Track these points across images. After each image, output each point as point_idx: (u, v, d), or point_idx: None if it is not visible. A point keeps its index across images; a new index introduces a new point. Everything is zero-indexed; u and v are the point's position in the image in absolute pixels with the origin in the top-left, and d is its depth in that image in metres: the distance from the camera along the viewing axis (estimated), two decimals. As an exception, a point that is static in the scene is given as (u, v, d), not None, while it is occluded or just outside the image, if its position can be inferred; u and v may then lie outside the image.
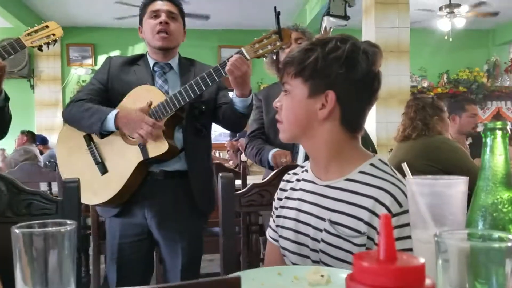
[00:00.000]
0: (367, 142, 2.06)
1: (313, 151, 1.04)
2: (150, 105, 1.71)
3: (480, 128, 2.98)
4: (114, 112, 1.69)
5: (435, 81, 7.84)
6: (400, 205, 0.90)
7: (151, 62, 1.86)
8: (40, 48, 1.70)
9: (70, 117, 1.79)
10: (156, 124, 1.66)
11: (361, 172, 0.97)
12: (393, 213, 0.89)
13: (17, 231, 0.55)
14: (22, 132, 5.72)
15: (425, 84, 7.62)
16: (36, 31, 1.68)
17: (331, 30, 1.78)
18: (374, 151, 2.08)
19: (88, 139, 1.79)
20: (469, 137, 3.24)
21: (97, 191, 1.73)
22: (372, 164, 0.98)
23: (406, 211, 0.87)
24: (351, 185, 0.97)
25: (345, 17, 1.77)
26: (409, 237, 0.85)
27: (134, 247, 1.80)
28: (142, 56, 1.91)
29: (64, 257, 0.57)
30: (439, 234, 0.49)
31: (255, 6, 6.39)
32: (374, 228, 0.91)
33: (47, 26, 1.70)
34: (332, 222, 0.96)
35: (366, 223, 0.92)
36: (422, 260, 0.38)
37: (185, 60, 1.93)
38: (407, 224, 0.86)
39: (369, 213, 0.92)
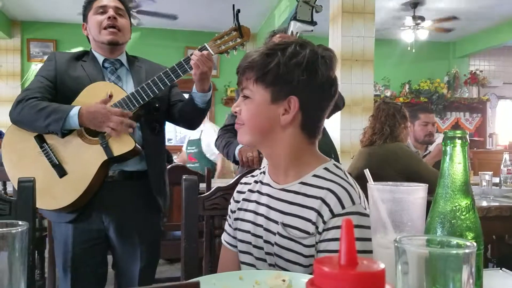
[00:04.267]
0: (329, 145, 2.09)
1: (273, 156, 1.03)
2: (110, 96, 1.65)
3: (439, 138, 3.06)
4: (76, 109, 1.60)
5: (398, 91, 8.07)
6: (343, 207, 0.91)
7: (99, 58, 1.80)
8: None
9: (21, 118, 1.65)
10: (124, 113, 1.62)
11: (315, 175, 0.99)
12: (334, 214, 0.91)
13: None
14: None
15: (388, 94, 7.82)
16: None
17: (298, 35, 1.79)
18: (336, 157, 2.11)
19: (40, 140, 1.67)
20: (429, 146, 3.33)
21: (56, 195, 1.62)
22: (326, 168, 1.00)
23: (348, 213, 0.90)
24: (304, 188, 0.98)
25: (312, 22, 1.78)
26: None
27: (89, 253, 1.71)
28: (86, 53, 1.84)
29: (14, 259, 0.55)
30: (399, 239, 0.50)
31: (223, 8, 6.38)
32: (317, 228, 0.92)
33: None
34: (284, 225, 0.96)
35: (314, 223, 0.92)
36: (382, 266, 0.38)
37: (131, 57, 1.89)
38: None
39: (316, 214, 0.93)
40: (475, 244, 0.49)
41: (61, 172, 1.65)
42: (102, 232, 1.72)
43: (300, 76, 0.95)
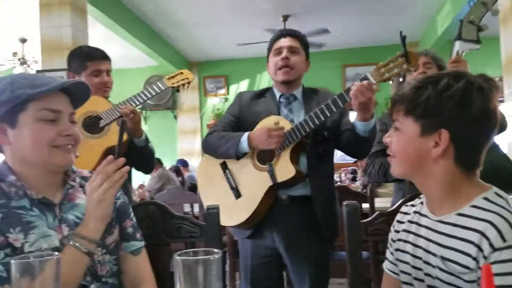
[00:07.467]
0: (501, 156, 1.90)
1: (426, 189, 1.02)
2: (276, 124, 1.83)
3: None
4: (246, 135, 1.87)
5: None
6: (504, 240, 0.85)
7: (277, 94, 2.02)
8: (177, 89, 2.08)
9: (208, 147, 2.01)
10: (280, 127, 1.79)
11: (473, 206, 0.94)
12: (495, 247, 0.86)
13: (178, 258, 0.69)
14: None
15: None
16: (174, 76, 2.08)
17: (463, 53, 1.71)
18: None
19: (224, 166, 1.99)
20: None
21: (232, 214, 1.90)
22: (485, 198, 0.93)
23: (509, 247, 0.84)
24: (462, 220, 0.94)
25: (478, 41, 1.70)
26: (511, 273, 0.82)
27: (265, 268, 1.92)
28: (268, 89, 2.07)
29: (213, 278, 0.69)
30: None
31: (376, 22, 6.24)
32: (478, 263, 0.88)
33: (182, 73, 2.09)
34: (443, 259, 0.94)
35: (474, 259, 0.88)
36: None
37: (308, 90, 2.04)
38: (510, 260, 0.83)
39: (476, 248, 0.88)
40: None
41: (237, 194, 1.93)
42: (275, 250, 1.90)
43: (452, 110, 0.92)
